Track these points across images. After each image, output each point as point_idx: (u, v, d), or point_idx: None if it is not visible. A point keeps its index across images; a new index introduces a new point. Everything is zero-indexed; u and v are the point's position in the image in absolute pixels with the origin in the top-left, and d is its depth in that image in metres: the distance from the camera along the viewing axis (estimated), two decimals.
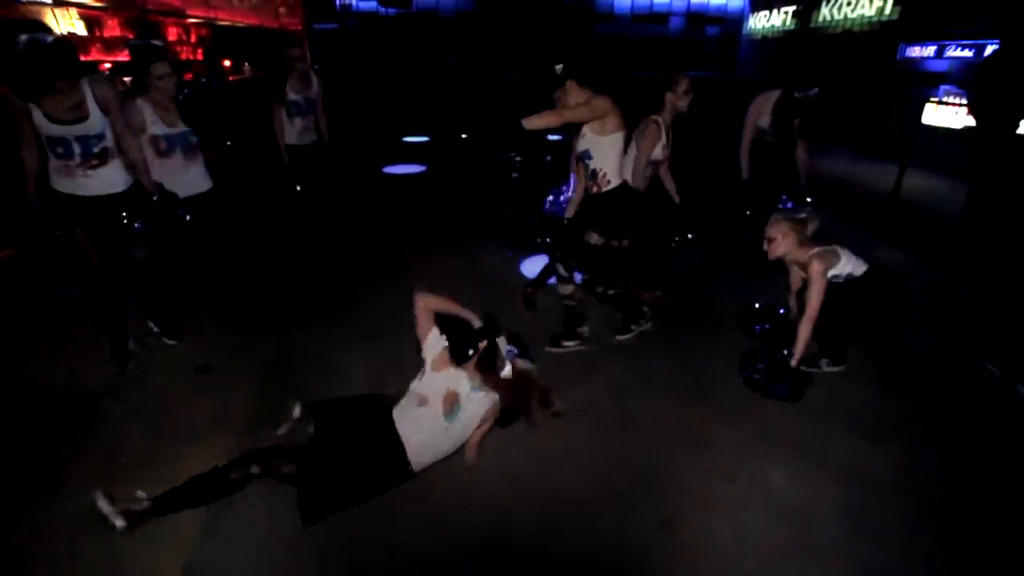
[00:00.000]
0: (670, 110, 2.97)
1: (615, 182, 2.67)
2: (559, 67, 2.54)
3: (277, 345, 3.03)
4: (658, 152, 2.99)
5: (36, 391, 2.65)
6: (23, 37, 2.13)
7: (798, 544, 1.90)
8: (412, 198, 6.04)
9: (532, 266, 3.98)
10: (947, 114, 6.67)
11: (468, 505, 2.05)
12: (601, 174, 2.67)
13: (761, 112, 3.60)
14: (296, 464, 1.94)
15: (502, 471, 2.17)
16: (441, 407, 2.04)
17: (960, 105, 6.21)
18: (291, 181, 3.91)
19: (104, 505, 1.86)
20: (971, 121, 4.95)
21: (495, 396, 2.11)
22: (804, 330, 2.55)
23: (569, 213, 2.97)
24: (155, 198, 2.69)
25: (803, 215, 2.65)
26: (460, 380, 2.08)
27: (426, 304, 2.17)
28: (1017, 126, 4.57)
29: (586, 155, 2.67)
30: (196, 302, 3.37)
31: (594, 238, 2.77)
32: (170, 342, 2.99)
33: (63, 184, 2.47)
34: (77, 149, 2.41)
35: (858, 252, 2.61)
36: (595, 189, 2.72)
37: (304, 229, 4.19)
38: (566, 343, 3.02)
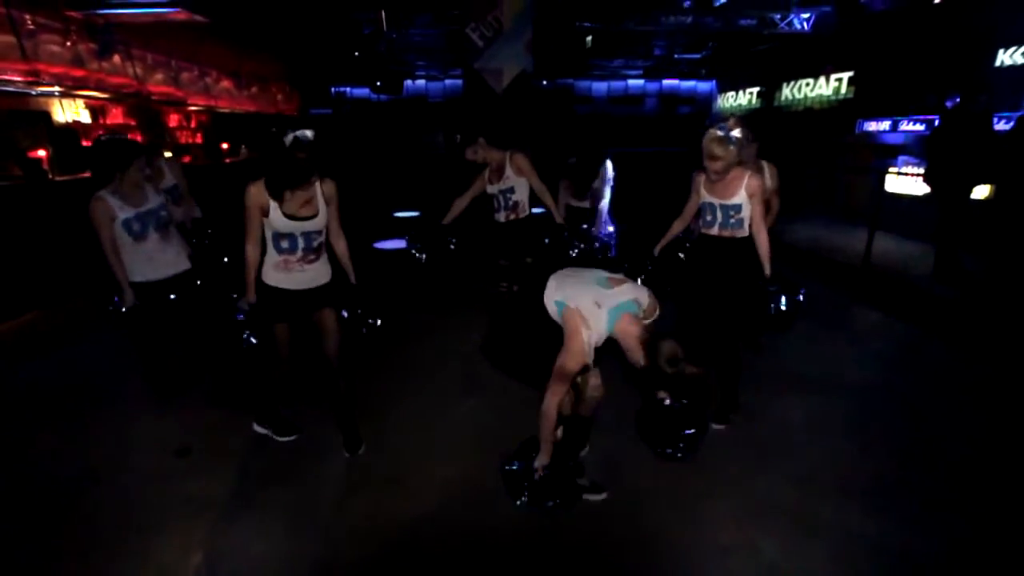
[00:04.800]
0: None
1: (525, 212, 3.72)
2: (458, 136, 3.49)
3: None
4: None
5: (13, 476, 2.57)
6: (295, 134, 2.20)
7: None
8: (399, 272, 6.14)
9: None
10: (907, 183, 7.08)
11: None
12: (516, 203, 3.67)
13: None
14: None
15: (489, 541, 2.10)
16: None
17: (917, 175, 6.61)
18: None
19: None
20: (927, 189, 5.28)
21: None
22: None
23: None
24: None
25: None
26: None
27: None
28: (969, 192, 4.87)
29: (510, 191, 3.70)
30: (177, 381, 3.34)
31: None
32: (347, 455, 2.70)
33: (275, 278, 2.43)
34: (301, 243, 2.39)
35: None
36: (513, 216, 3.74)
37: None
38: None
